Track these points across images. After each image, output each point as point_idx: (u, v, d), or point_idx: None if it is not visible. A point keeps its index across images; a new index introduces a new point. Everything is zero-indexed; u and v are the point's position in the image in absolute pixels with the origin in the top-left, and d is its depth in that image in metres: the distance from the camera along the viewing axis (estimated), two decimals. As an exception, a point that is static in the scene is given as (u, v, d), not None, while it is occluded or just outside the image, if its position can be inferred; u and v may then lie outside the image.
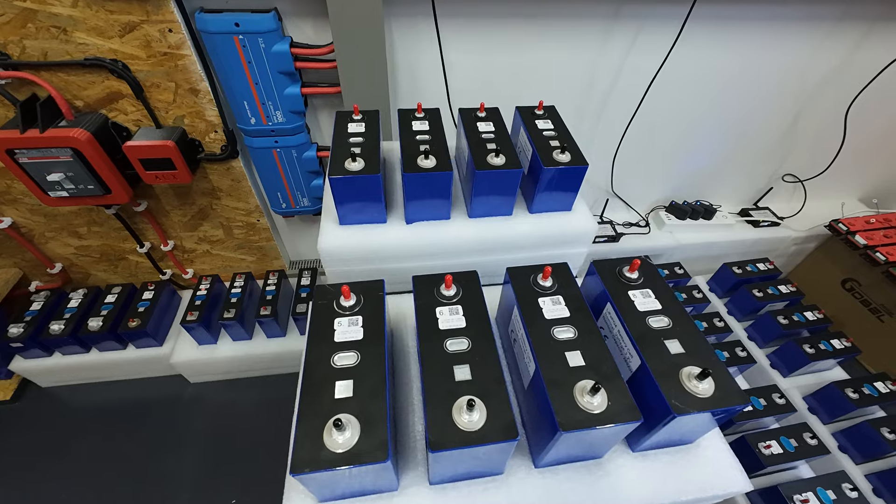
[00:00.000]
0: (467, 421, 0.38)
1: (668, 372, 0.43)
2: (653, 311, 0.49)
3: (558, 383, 0.41)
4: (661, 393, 0.41)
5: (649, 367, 0.43)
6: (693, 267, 1.64)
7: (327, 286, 0.50)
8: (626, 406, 0.40)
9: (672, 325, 0.47)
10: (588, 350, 0.44)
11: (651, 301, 0.50)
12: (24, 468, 1.27)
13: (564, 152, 0.72)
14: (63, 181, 1.03)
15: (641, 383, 0.44)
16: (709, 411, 0.40)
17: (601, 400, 0.39)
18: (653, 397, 0.42)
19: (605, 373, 0.42)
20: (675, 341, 0.46)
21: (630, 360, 0.46)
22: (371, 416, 0.38)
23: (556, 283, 0.51)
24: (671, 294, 0.51)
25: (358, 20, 0.95)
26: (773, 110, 1.42)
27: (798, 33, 1.20)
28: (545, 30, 1.10)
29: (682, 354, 0.44)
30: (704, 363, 0.43)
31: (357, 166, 0.66)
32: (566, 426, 0.38)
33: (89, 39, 0.92)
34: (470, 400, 0.37)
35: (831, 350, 1.27)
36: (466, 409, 0.38)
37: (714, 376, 0.41)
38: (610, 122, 1.35)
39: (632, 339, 0.46)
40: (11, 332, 1.27)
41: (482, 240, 0.75)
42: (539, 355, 0.43)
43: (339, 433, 0.36)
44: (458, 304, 0.49)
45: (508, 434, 0.37)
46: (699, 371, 0.41)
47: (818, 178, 1.61)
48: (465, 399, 0.38)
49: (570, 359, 0.43)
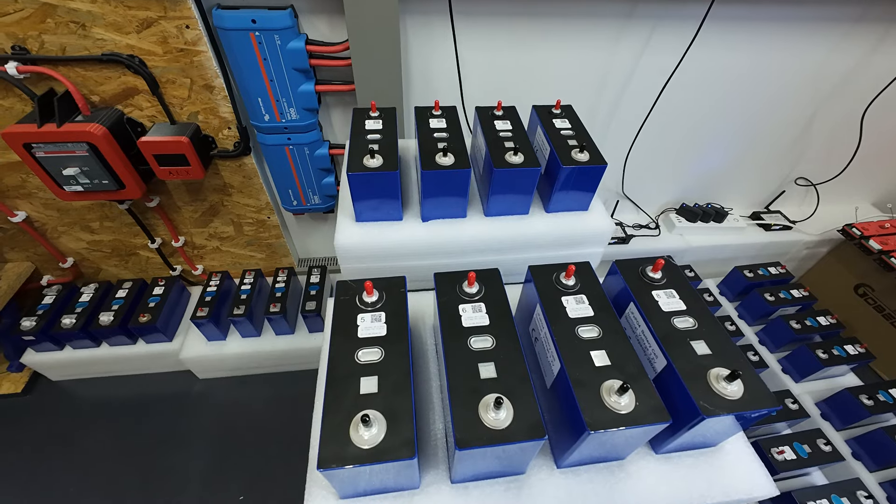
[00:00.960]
0: (494, 419, 0.37)
1: (696, 373, 0.42)
2: (677, 311, 0.48)
3: (584, 383, 0.41)
4: (689, 394, 0.40)
5: (676, 368, 0.42)
6: (703, 270, 1.63)
7: (349, 282, 0.49)
8: (653, 406, 0.39)
9: (698, 325, 0.47)
10: (613, 349, 0.44)
11: (675, 301, 0.49)
12: (34, 460, 1.28)
13: (583, 151, 0.71)
14: (78, 175, 1.04)
15: (667, 384, 0.43)
16: (738, 413, 0.39)
17: (629, 400, 0.39)
18: (680, 398, 0.41)
19: (631, 373, 0.42)
20: (701, 342, 0.45)
21: (655, 361, 0.46)
22: (396, 413, 0.38)
23: (578, 281, 0.51)
24: (696, 295, 0.50)
25: (374, 18, 0.95)
26: (787, 113, 1.41)
27: (814, 35, 1.19)
28: (558, 29, 1.10)
29: (709, 356, 0.44)
30: (733, 365, 0.43)
31: (375, 163, 0.66)
32: (594, 426, 0.37)
33: (107, 35, 0.93)
34: (498, 398, 0.37)
35: (845, 356, 1.26)
36: (494, 407, 0.37)
37: (743, 378, 0.41)
38: (622, 123, 1.34)
39: (657, 339, 0.45)
40: (24, 325, 1.28)
41: (498, 239, 0.74)
42: (564, 354, 0.43)
43: (366, 429, 0.36)
44: (481, 302, 0.48)
45: (535, 433, 0.37)
46: (728, 372, 0.40)
47: (831, 182, 1.59)
48: (493, 397, 0.38)
49: (595, 358, 0.43)
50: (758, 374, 0.42)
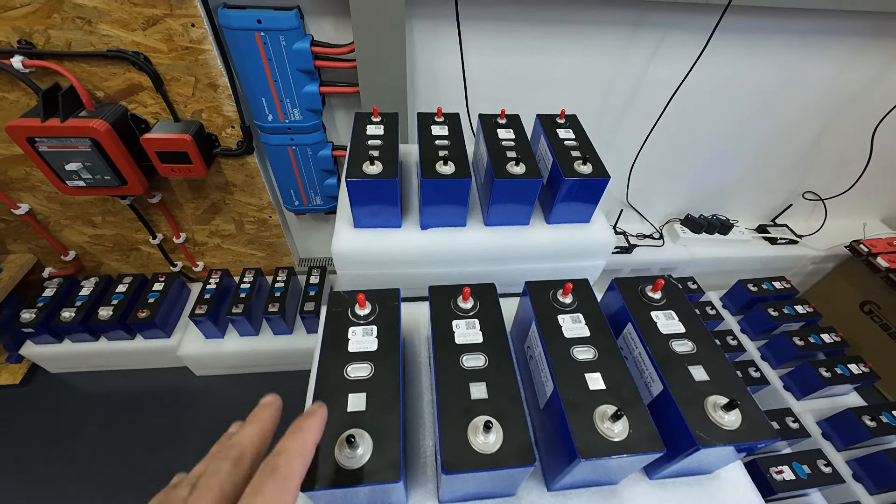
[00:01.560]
0: (483, 443, 0.37)
1: (692, 400, 0.41)
2: (676, 333, 0.47)
3: (577, 406, 0.40)
4: (685, 422, 0.39)
5: (672, 394, 0.41)
6: (706, 282, 1.61)
7: (342, 293, 0.49)
8: (647, 434, 0.38)
9: (696, 349, 0.46)
10: (609, 372, 0.43)
11: (674, 323, 0.48)
12: (30, 451, 1.28)
13: (586, 163, 0.70)
14: (81, 171, 1.04)
15: (663, 410, 0.42)
16: (735, 445, 0.38)
17: (622, 427, 0.38)
18: (675, 426, 0.40)
19: (625, 398, 0.40)
20: (699, 367, 0.44)
21: (651, 385, 0.45)
22: (383, 433, 0.37)
23: (576, 299, 0.50)
24: (695, 317, 0.49)
25: (380, 21, 0.94)
26: (797, 126, 1.39)
27: (828, 48, 1.17)
28: (566, 36, 1.08)
29: (706, 382, 0.43)
30: (731, 393, 0.41)
31: (375, 170, 0.65)
32: (585, 453, 0.36)
33: (113, 31, 0.93)
34: (487, 421, 0.36)
35: (848, 375, 1.24)
36: (483, 431, 0.36)
37: (742, 408, 0.39)
38: (627, 133, 1.33)
39: (654, 362, 0.44)
40: (23, 317, 1.28)
41: (498, 249, 0.73)
42: (558, 376, 0.42)
43: (350, 449, 0.35)
44: (475, 318, 0.47)
45: (525, 459, 0.36)
46: (726, 401, 0.39)
47: (840, 197, 1.57)
48: (482, 420, 0.37)
49: (589, 381, 0.42)
50: (756, 403, 0.41)
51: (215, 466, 0.29)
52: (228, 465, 0.28)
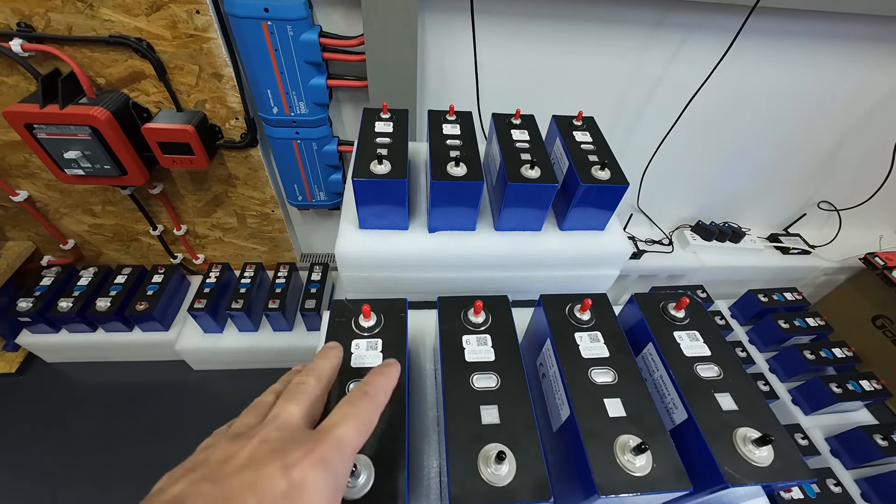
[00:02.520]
0: (494, 474, 0.34)
1: (720, 431, 0.38)
2: (701, 357, 0.44)
3: (596, 435, 0.37)
4: (713, 456, 0.36)
5: (698, 424, 0.38)
6: (715, 291, 1.58)
7: (346, 302, 0.46)
8: (673, 469, 0.35)
9: (723, 375, 0.43)
10: (629, 398, 0.40)
11: (699, 345, 0.45)
12: (24, 441, 1.27)
13: (604, 169, 0.67)
14: (80, 159, 1.01)
15: (687, 440, 0.39)
16: (768, 484, 0.35)
17: (646, 461, 0.35)
18: (701, 459, 0.37)
19: (648, 427, 0.38)
20: (726, 395, 0.41)
21: (673, 412, 0.42)
22: (386, 459, 0.34)
23: (594, 316, 0.47)
24: (721, 339, 0.46)
25: (392, 13, 0.91)
26: (818, 134, 1.35)
27: (856, 54, 1.13)
28: (584, 34, 1.05)
29: (735, 412, 0.40)
30: (762, 425, 0.38)
31: (383, 169, 0.62)
32: (605, 490, 0.33)
33: (115, 16, 0.90)
34: (500, 452, 0.33)
35: (860, 391, 1.21)
36: (495, 461, 0.34)
37: (775, 443, 0.36)
38: (642, 135, 1.29)
39: (677, 387, 0.41)
40: (20, 306, 1.26)
41: (508, 255, 0.70)
42: (575, 400, 0.39)
43: (352, 479, 0.33)
44: (487, 334, 0.44)
45: (541, 494, 0.33)
46: (758, 436, 0.36)
47: (855, 209, 1.53)
48: (495, 449, 0.34)
49: (609, 407, 0.39)
50: (789, 437, 0.38)
51: (300, 379, 0.32)
52: (313, 380, 0.32)
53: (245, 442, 0.26)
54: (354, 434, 0.28)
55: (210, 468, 0.25)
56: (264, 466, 0.24)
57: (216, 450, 0.26)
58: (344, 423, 0.28)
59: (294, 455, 0.25)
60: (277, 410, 0.29)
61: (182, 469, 0.26)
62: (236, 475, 0.24)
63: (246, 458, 0.25)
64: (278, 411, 0.29)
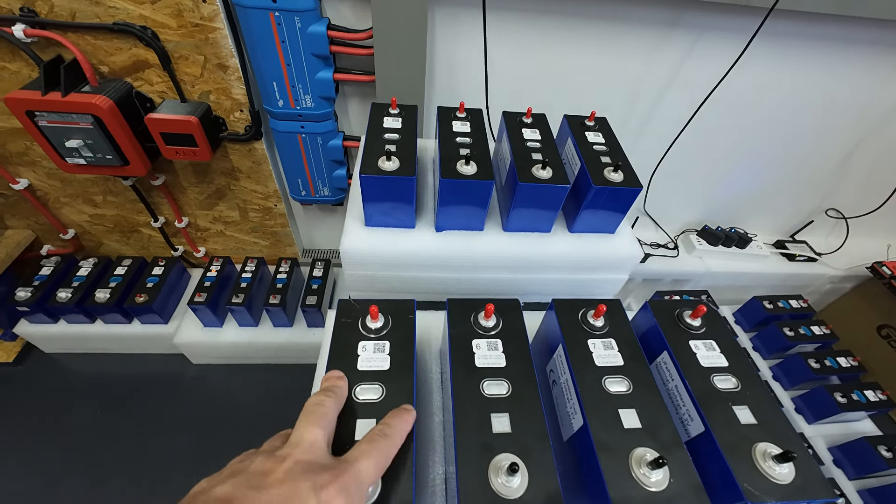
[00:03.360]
0: (506, 486, 0.32)
1: (738, 446, 0.37)
2: (718, 367, 0.43)
3: (610, 447, 0.35)
4: (731, 472, 0.35)
5: (716, 438, 0.37)
6: (720, 296, 1.56)
7: (352, 302, 0.44)
8: (690, 486, 0.34)
9: (741, 387, 0.41)
10: (644, 409, 0.38)
11: (716, 356, 0.44)
12: (21, 431, 1.26)
13: (617, 171, 0.65)
14: (81, 148, 1.00)
15: (703, 454, 0.38)
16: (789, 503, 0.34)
17: (662, 476, 0.34)
18: (718, 475, 0.36)
19: (664, 440, 0.36)
20: (745, 408, 0.40)
21: (689, 424, 0.40)
22: (394, 467, 0.33)
23: (607, 322, 0.45)
24: (739, 349, 0.44)
25: (402, 6, 0.89)
26: (829, 141, 1.33)
27: (869, 59, 1.11)
28: (596, 33, 1.03)
29: (754, 426, 0.38)
30: (782, 441, 0.37)
31: (391, 166, 0.60)
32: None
33: (120, 3, 0.88)
34: (513, 464, 0.32)
35: (864, 402, 1.20)
36: (507, 473, 0.32)
37: (796, 460, 0.35)
38: (652, 137, 1.27)
39: (693, 399, 0.40)
40: (19, 295, 1.25)
41: (516, 256, 0.69)
42: (588, 410, 0.38)
43: (358, 488, 0.31)
44: (498, 338, 0.43)
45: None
46: (779, 452, 0.35)
47: (863, 217, 1.51)
48: (507, 460, 0.33)
49: (624, 418, 0.38)
50: (809, 454, 0.37)
51: (318, 399, 0.34)
52: (331, 402, 0.34)
53: (281, 459, 0.29)
54: (373, 469, 0.31)
55: (251, 477, 0.28)
56: (300, 483, 0.27)
57: (254, 463, 0.29)
58: (364, 458, 0.31)
59: (323, 478, 0.28)
60: (302, 433, 0.32)
61: (224, 475, 0.29)
62: (276, 487, 0.27)
63: (283, 473, 0.28)
64: (302, 434, 0.32)
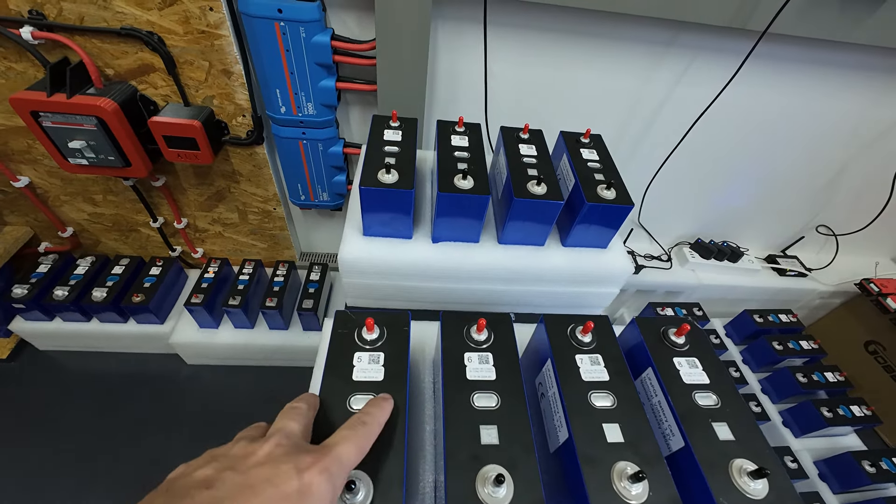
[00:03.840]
0: (492, 496, 0.34)
1: (716, 462, 0.38)
2: (700, 384, 0.44)
3: (594, 460, 0.37)
4: (708, 487, 0.36)
5: (695, 453, 0.39)
6: (711, 309, 1.58)
7: (349, 313, 0.46)
8: (669, 499, 0.35)
9: (721, 404, 0.43)
10: (628, 424, 0.40)
11: (698, 373, 0.45)
12: (13, 428, 1.26)
13: (610, 188, 0.67)
14: (84, 149, 1.01)
15: (683, 469, 0.40)
16: (761, 517, 0.35)
17: (642, 489, 0.35)
18: (696, 489, 0.38)
19: (645, 455, 0.38)
20: (724, 425, 0.41)
21: (670, 439, 0.42)
22: (385, 476, 0.35)
23: (595, 338, 0.47)
24: (721, 367, 0.46)
25: (405, 19, 0.91)
26: (819, 160, 1.36)
27: (859, 83, 1.14)
28: (595, 51, 1.05)
29: (731, 443, 0.40)
30: (758, 458, 0.39)
31: (391, 179, 0.62)
32: (601, 516, 0.34)
33: (128, 9, 0.90)
34: (499, 475, 0.33)
35: (850, 416, 1.22)
36: (493, 484, 0.34)
37: (770, 477, 0.37)
38: (647, 152, 1.30)
39: (675, 415, 0.42)
40: (15, 292, 1.26)
41: (510, 268, 0.70)
42: (574, 424, 0.39)
43: (350, 495, 0.33)
44: (489, 352, 0.44)
45: (537, 519, 0.33)
46: (754, 468, 0.37)
47: (853, 234, 1.55)
48: (494, 472, 0.34)
49: (607, 432, 0.39)
50: (785, 471, 0.38)
51: (293, 404, 0.35)
52: (305, 406, 0.35)
53: (262, 443, 0.30)
54: (353, 453, 0.32)
55: (231, 460, 0.28)
56: (281, 464, 0.28)
57: (236, 447, 0.30)
58: (344, 443, 0.32)
59: (305, 460, 0.29)
60: (280, 425, 0.32)
61: (203, 459, 0.29)
62: (257, 468, 0.27)
63: (264, 455, 0.28)
64: (281, 425, 0.32)
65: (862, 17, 0.94)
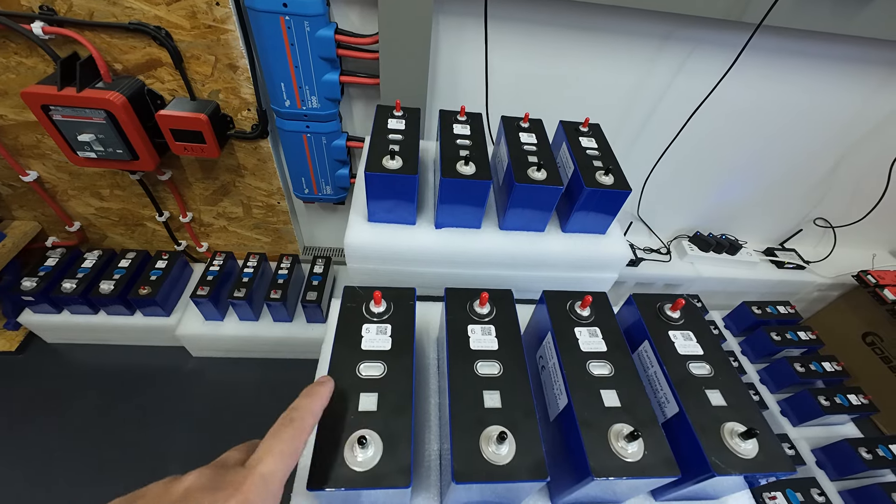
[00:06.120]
0: (495, 453, 0.36)
1: (709, 425, 0.40)
2: (694, 355, 0.46)
3: (591, 424, 0.39)
4: (701, 447, 0.38)
5: (689, 417, 0.41)
6: (710, 301, 1.61)
7: (357, 288, 0.48)
8: (663, 458, 0.37)
9: (714, 373, 0.45)
10: (624, 390, 0.42)
11: (692, 345, 0.47)
12: (21, 419, 1.28)
13: (608, 174, 0.69)
14: (93, 142, 1.03)
15: (677, 433, 0.41)
16: (751, 475, 0.37)
17: (637, 448, 0.37)
18: (689, 450, 0.40)
19: (641, 418, 0.40)
20: (716, 392, 0.43)
21: (665, 406, 0.44)
22: (394, 435, 0.36)
23: (593, 312, 0.49)
24: (714, 340, 0.48)
25: (407, 13, 0.93)
26: (816, 152, 1.38)
27: (855, 75, 1.16)
28: (594, 45, 1.07)
29: (724, 408, 0.42)
30: (748, 421, 0.41)
31: (395, 165, 0.64)
32: (598, 472, 0.35)
33: (136, 4, 0.92)
34: (502, 432, 0.35)
35: (847, 405, 1.23)
36: (496, 441, 0.36)
37: (759, 437, 0.39)
38: (645, 145, 1.32)
39: (670, 383, 0.44)
40: (24, 285, 1.28)
41: (511, 254, 0.72)
42: (573, 390, 0.41)
43: (361, 450, 0.34)
44: (491, 325, 0.46)
45: (538, 473, 0.35)
46: (744, 429, 0.38)
47: (850, 227, 1.56)
48: (496, 430, 0.36)
49: (605, 398, 0.41)
50: (773, 433, 0.40)
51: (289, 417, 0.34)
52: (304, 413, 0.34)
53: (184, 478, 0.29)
54: (279, 466, 0.30)
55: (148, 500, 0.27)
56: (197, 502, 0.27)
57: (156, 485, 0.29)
58: (267, 457, 0.31)
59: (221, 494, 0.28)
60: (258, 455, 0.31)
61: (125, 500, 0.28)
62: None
63: (182, 493, 0.28)
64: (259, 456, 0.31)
65: (856, 9, 0.96)
